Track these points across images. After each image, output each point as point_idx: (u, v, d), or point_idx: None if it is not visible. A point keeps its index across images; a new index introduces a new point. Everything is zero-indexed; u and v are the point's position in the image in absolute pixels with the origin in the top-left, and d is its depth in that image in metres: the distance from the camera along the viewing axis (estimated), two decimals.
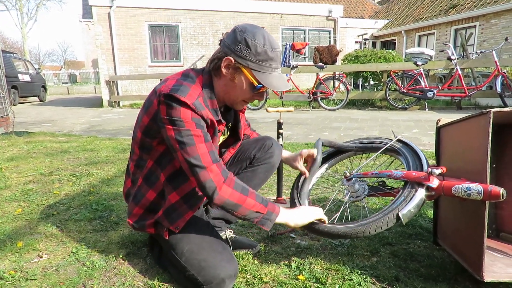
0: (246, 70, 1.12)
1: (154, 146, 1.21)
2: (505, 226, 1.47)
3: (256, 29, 1.11)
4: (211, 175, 1.11)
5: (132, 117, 7.57)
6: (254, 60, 1.10)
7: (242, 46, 1.09)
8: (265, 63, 1.11)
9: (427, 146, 3.67)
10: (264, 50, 1.10)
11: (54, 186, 2.50)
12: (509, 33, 10.69)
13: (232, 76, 1.14)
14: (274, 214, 1.18)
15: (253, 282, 1.27)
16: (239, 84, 1.15)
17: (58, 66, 47.44)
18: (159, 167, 1.23)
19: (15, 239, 1.65)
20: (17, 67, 12.32)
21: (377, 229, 1.18)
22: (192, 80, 1.15)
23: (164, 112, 1.09)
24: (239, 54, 1.10)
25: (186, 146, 1.09)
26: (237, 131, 1.41)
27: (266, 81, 1.12)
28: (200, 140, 1.10)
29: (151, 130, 1.18)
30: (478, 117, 1.14)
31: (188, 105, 1.07)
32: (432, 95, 6.79)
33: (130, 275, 1.34)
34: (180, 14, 11.24)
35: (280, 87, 1.14)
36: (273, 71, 1.14)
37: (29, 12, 44.94)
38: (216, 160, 1.13)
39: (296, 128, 5.30)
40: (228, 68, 1.13)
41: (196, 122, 1.10)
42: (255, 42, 1.09)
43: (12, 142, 4.30)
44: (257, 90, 1.16)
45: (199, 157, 1.10)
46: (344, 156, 1.73)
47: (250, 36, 1.09)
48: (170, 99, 1.07)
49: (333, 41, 13.07)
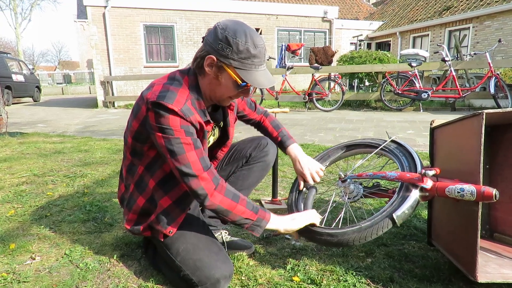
0: (229, 69, 1.10)
1: (145, 151, 1.20)
2: (498, 226, 1.48)
3: (237, 26, 1.07)
4: (202, 183, 1.12)
5: (127, 117, 7.51)
6: (236, 58, 1.07)
7: (223, 45, 1.06)
8: (248, 60, 1.09)
9: (422, 147, 3.69)
10: (246, 48, 1.07)
11: (48, 187, 2.48)
12: (502, 35, 10.80)
13: (215, 74, 1.12)
14: (264, 221, 1.20)
15: (248, 284, 1.27)
16: (223, 82, 1.13)
17: (52, 66, 47.14)
18: (148, 173, 1.22)
19: (7, 241, 1.63)
20: (11, 67, 12.22)
21: (373, 236, 1.19)
22: (179, 82, 1.14)
23: (153, 119, 1.08)
24: (221, 53, 1.07)
25: (177, 155, 1.09)
26: (226, 130, 1.41)
27: (249, 79, 1.10)
28: (190, 148, 1.10)
29: (141, 135, 1.17)
30: (471, 118, 1.15)
31: (176, 112, 1.06)
32: (427, 96, 6.84)
33: (124, 277, 1.33)
34: (175, 15, 11.22)
35: (264, 84, 1.12)
36: (256, 68, 1.12)
37: (23, 12, 44.56)
38: (207, 167, 1.13)
39: (292, 129, 5.31)
40: (211, 67, 1.11)
41: (185, 129, 1.09)
42: (236, 40, 1.05)
43: (6, 143, 4.25)
44: (241, 88, 1.14)
45: (190, 166, 1.10)
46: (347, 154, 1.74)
47: (231, 34, 1.05)
48: (157, 107, 1.06)
49: (329, 42, 13.12)
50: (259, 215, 1.19)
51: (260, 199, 2.18)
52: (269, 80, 1.14)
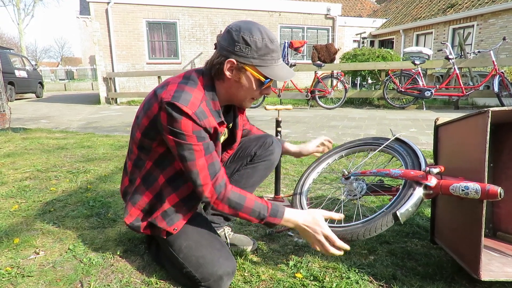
0: (251, 68, 1.10)
1: (153, 147, 1.20)
2: (502, 225, 1.47)
3: (250, 25, 1.09)
4: (206, 192, 1.14)
5: (129, 114, 7.55)
6: (256, 56, 1.09)
7: (241, 45, 1.07)
8: (268, 56, 1.10)
9: (425, 145, 3.68)
10: (265, 44, 1.08)
11: (51, 182, 2.49)
12: (507, 32, 10.73)
13: (237, 77, 1.12)
14: (274, 223, 1.19)
15: (251, 280, 1.27)
16: (245, 83, 1.14)
17: (55, 62, 47.21)
18: (157, 168, 1.22)
19: (11, 235, 1.64)
20: (13, 63, 12.24)
21: (377, 230, 1.19)
22: (194, 82, 1.13)
23: (165, 120, 1.08)
24: (240, 54, 1.08)
25: (186, 161, 1.11)
26: (234, 133, 1.41)
27: (272, 74, 1.12)
28: (200, 154, 1.11)
29: (150, 132, 1.16)
30: (477, 116, 1.15)
31: (189, 115, 1.06)
32: (430, 94, 6.81)
33: (127, 272, 1.34)
34: (178, 11, 11.20)
35: (287, 76, 1.14)
36: (276, 62, 1.13)
37: (26, 8, 44.73)
38: (214, 174, 1.13)
39: (294, 126, 5.30)
40: (231, 71, 1.12)
41: (197, 135, 1.09)
42: (253, 38, 1.07)
43: (9, 138, 4.27)
44: (264, 85, 1.16)
45: (197, 173, 1.12)
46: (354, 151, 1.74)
47: (247, 33, 1.07)
48: (172, 108, 1.06)
49: (331, 40, 13.07)
50: (267, 220, 1.17)
51: (263, 196, 2.18)
52: (290, 72, 1.17)
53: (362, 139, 1.69)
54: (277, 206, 1.19)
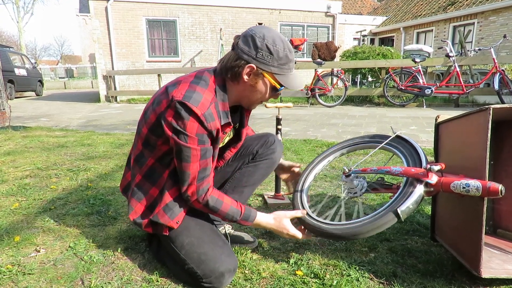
0: (269, 75, 1.15)
1: (158, 145, 1.20)
2: (502, 222, 1.48)
3: (272, 33, 1.12)
4: (189, 191, 1.19)
5: (129, 112, 7.54)
6: (276, 65, 1.13)
7: (264, 53, 1.10)
8: (286, 65, 1.15)
9: (425, 143, 3.68)
10: (285, 54, 1.13)
11: (51, 180, 2.49)
12: (508, 30, 10.71)
13: (253, 82, 1.16)
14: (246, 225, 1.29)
15: (251, 277, 1.28)
16: (261, 88, 1.18)
17: (55, 60, 47.17)
18: (161, 165, 1.23)
19: (12, 233, 1.64)
20: (13, 61, 12.22)
21: (376, 230, 1.19)
22: (205, 83, 1.15)
23: (170, 117, 1.10)
24: (261, 61, 1.11)
25: (182, 162, 1.15)
26: (240, 132, 1.42)
27: (287, 82, 1.16)
28: (196, 159, 1.15)
29: (157, 128, 1.17)
30: (478, 114, 1.14)
31: (198, 116, 1.08)
32: (430, 92, 6.80)
33: (128, 269, 1.34)
34: (178, 9, 11.17)
35: (300, 86, 1.20)
36: (291, 71, 1.19)
37: (25, 6, 44.58)
38: (202, 178, 1.19)
39: (294, 124, 5.30)
40: (249, 75, 1.15)
41: (199, 138, 1.11)
42: (276, 48, 1.11)
43: (9, 137, 4.27)
44: (278, 92, 1.21)
45: (188, 175, 1.17)
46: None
47: (270, 42, 1.10)
48: (182, 106, 1.08)
49: (332, 38, 13.04)
50: (238, 223, 1.27)
51: (263, 194, 2.18)
52: (301, 81, 1.23)
53: (362, 136, 1.69)
54: (250, 211, 1.28)
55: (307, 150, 3.32)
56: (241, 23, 11.85)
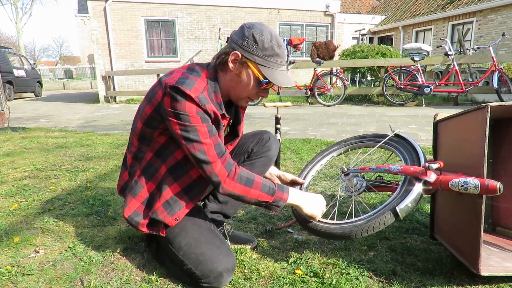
0: (253, 65, 1.14)
1: (154, 137, 1.21)
2: (501, 220, 1.48)
3: (263, 26, 1.14)
4: (216, 170, 1.15)
5: (128, 112, 7.54)
6: (261, 55, 1.13)
7: (249, 41, 1.11)
8: (271, 58, 1.14)
9: (424, 141, 3.68)
10: (271, 45, 1.12)
11: (51, 181, 2.49)
12: (506, 28, 10.71)
13: (238, 71, 1.16)
14: (282, 201, 1.22)
15: (251, 277, 1.28)
16: (244, 79, 1.17)
17: (53, 61, 47.13)
18: (159, 159, 1.23)
19: (11, 234, 1.64)
20: (12, 62, 12.21)
21: (376, 229, 1.19)
22: (198, 74, 1.16)
23: (168, 104, 1.10)
24: (246, 49, 1.12)
25: (192, 142, 1.12)
26: (236, 128, 1.41)
27: (271, 76, 1.15)
28: (205, 135, 1.12)
29: (153, 121, 1.17)
30: (476, 112, 1.14)
31: (192, 98, 1.08)
32: (429, 91, 6.81)
33: (128, 270, 1.34)
34: (176, 9, 11.16)
35: (285, 83, 1.17)
36: (278, 67, 1.17)
37: (24, 7, 44.58)
38: (221, 154, 1.16)
39: (293, 123, 5.30)
40: (235, 63, 1.15)
41: (201, 116, 1.11)
42: (262, 38, 1.11)
43: (8, 138, 4.27)
44: (262, 85, 1.18)
45: (204, 153, 1.13)
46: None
47: (257, 31, 1.11)
48: (175, 91, 1.08)
49: (331, 37, 13.05)
50: (276, 196, 1.21)
51: None
52: (289, 80, 1.20)
53: (362, 135, 1.69)
54: (281, 185, 1.24)
55: (306, 149, 3.32)
56: (240, 22, 11.83)
